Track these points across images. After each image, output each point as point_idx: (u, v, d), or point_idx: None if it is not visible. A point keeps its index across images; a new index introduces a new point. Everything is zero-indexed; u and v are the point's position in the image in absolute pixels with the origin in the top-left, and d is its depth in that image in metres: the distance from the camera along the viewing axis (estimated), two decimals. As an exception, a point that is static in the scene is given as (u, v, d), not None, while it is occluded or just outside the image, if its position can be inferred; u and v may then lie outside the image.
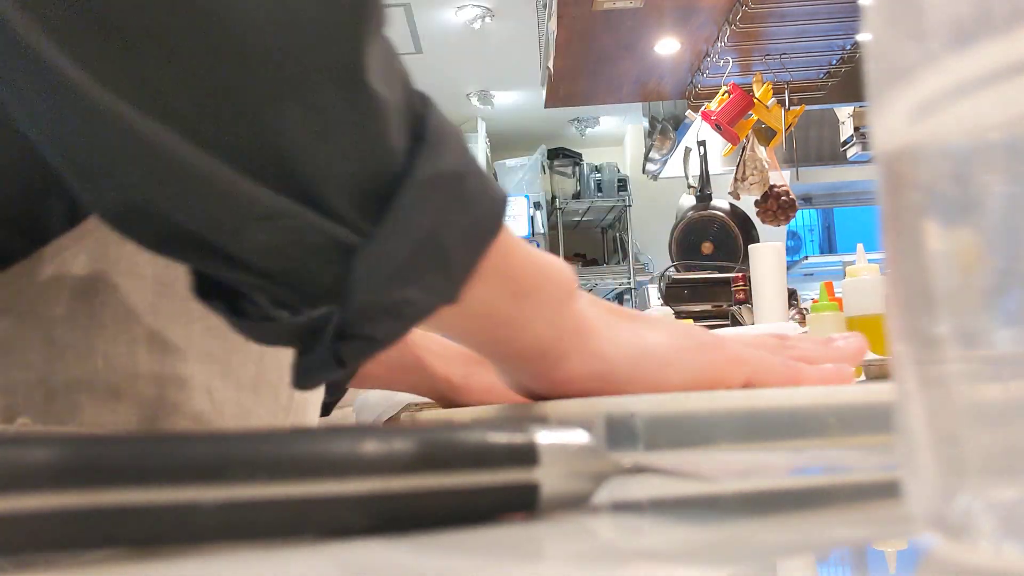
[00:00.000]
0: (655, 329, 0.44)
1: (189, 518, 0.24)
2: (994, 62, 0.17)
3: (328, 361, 0.35)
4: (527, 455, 0.27)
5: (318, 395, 0.59)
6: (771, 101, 2.66)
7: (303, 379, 0.37)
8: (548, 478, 0.27)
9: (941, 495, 0.19)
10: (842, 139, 3.49)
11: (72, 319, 0.47)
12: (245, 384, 0.51)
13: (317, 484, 0.25)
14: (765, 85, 2.65)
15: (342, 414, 1.05)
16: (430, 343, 0.74)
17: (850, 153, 3.45)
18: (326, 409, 0.74)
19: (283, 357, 0.53)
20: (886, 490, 0.25)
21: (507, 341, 0.41)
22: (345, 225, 0.33)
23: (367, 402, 0.88)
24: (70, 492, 0.23)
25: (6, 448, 0.23)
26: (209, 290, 0.37)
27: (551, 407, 0.44)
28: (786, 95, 2.69)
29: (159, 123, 0.30)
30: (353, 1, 0.32)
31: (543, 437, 0.28)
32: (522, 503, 0.27)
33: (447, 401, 0.73)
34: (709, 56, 2.67)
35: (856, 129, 3.34)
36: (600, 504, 0.30)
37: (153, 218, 0.32)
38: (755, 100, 2.62)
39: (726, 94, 2.64)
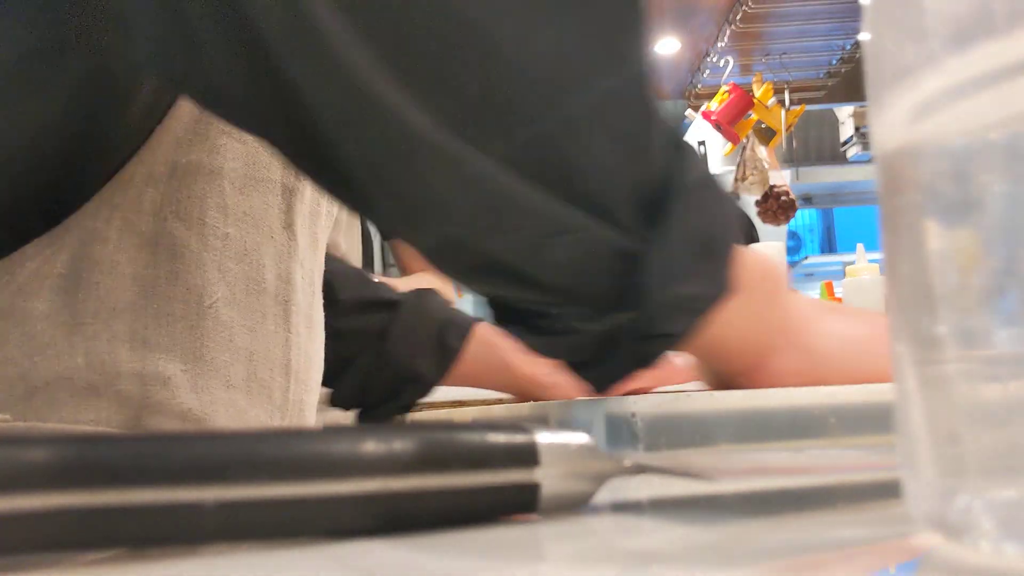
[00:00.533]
0: (860, 321, 0.44)
1: (189, 518, 0.24)
2: (994, 62, 0.17)
3: (631, 362, 0.38)
4: (527, 455, 0.27)
5: (314, 396, 0.59)
6: (771, 101, 2.66)
7: (606, 382, 0.39)
8: (548, 478, 0.27)
9: (941, 495, 0.19)
10: (842, 139, 3.49)
11: (53, 316, 0.47)
12: (236, 384, 0.51)
13: (317, 484, 0.25)
14: (765, 85, 2.65)
15: (343, 415, 1.05)
16: (513, 344, 0.76)
17: (850, 153, 3.45)
18: (404, 408, 0.77)
19: (275, 356, 0.53)
20: (886, 490, 0.25)
21: (726, 341, 0.41)
22: (627, 234, 0.35)
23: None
24: (70, 492, 0.23)
25: (6, 448, 0.23)
26: (507, 315, 0.39)
27: (551, 407, 0.44)
28: (786, 95, 2.69)
29: (484, 159, 0.32)
30: (637, 37, 0.35)
31: (543, 437, 0.28)
32: (522, 503, 0.27)
33: (534, 399, 0.75)
34: (709, 56, 2.67)
35: (856, 129, 3.34)
36: (600, 504, 0.30)
37: (467, 249, 0.35)
38: (755, 100, 2.63)
39: (726, 94, 2.64)
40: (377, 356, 0.76)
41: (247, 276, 0.51)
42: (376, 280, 0.84)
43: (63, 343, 0.47)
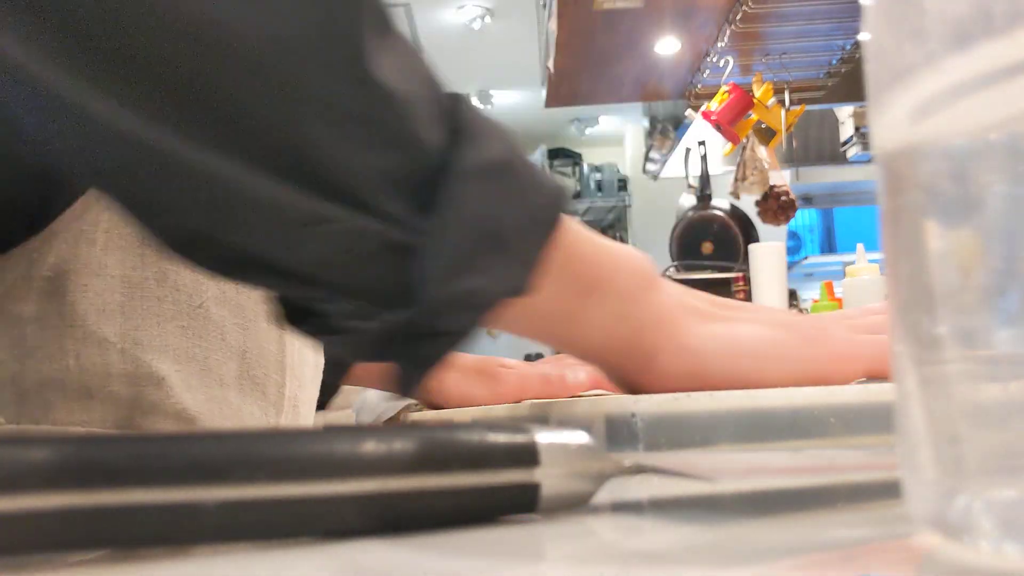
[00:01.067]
0: (754, 321, 0.42)
1: (189, 518, 0.24)
2: (994, 62, 0.17)
3: (412, 362, 0.35)
4: (527, 455, 0.27)
5: (309, 392, 0.59)
6: (771, 101, 2.66)
7: (405, 385, 0.36)
8: (548, 478, 0.27)
9: (941, 495, 0.19)
10: (842, 139, 3.49)
11: (42, 319, 0.47)
12: (228, 382, 0.51)
13: (317, 484, 0.25)
14: (765, 85, 2.65)
15: (343, 415, 1.05)
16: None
17: (850, 153, 3.44)
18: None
19: (268, 354, 0.53)
20: (886, 490, 0.25)
21: (580, 339, 0.40)
22: (394, 224, 0.33)
23: (367, 402, 0.88)
24: (70, 492, 0.23)
25: (6, 448, 0.23)
26: (297, 316, 0.37)
27: (552, 407, 0.44)
28: (786, 95, 2.69)
29: (200, 151, 0.30)
30: (346, 5, 0.32)
31: (543, 437, 0.28)
32: (522, 503, 0.27)
33: (424, 400, 0.75)
34: (709, 56, 2.67)
35: (856, 129, 3.34)
36: (600, 504, 0.30)
37: (214, 244, 0.32)
38: (755, 100, 2.62)
39: (726, 94, 2.64)
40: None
41: None
42: None
43: (53, 346, 0.47)
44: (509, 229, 0.34)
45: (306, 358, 0.57)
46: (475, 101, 4.88)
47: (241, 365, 0.52)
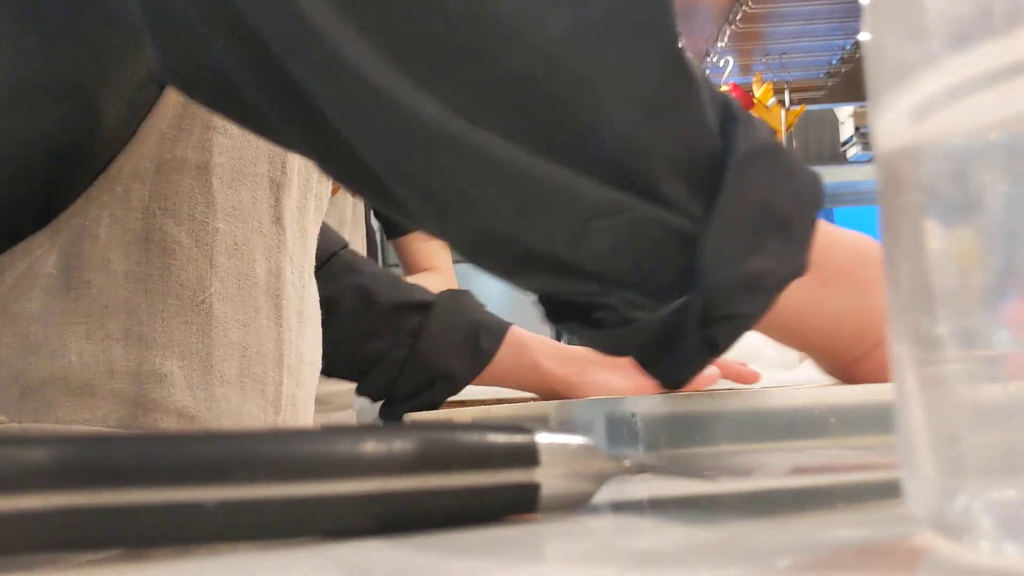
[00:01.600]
0: None
1: (189, 518, 0.24)
2: (994, 62, 0.17)
3: (700, 350, 0.35)
4: (527, 455, 0.27)
5: (306, 391, 0.59)
6: (771, 101, 2.66)
7: (676, 375, 0.36)
8: (548, 478, 0.27)
9: (941, 495, 0.19)
10: (842, 139, 3.49)
11: (45, 316, 0.47)
12: (229, 379, 0.51)
13: (317, 484, 0.25)
14: (765, 85, 2.65)
15: (344, 415, 1.05)
16: (543, 346, 0.82)
17: (850, 153, 3.44)
18: (432, 405, 0.79)
19: (267, 352, 0.53)
20: (886, 490, 0.25)
21: (810, 328, 0.39)
22: (680, 212, 0.33)
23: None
24: (70, 492, 0.23)
25: (6, 448, 0.23)
26: (560, 312, 0.37)
27: (552, 407, 0.44)
28: (786, 95, 2.69)
29: (515, 149, 0.31)
30: (663, 4, 0.32)
31: (543, 437, 0.28)
32: (522, 503, 0.27)
33: (564, 399, 0.76)
34: (709, 56, 2.67)
35: (856, 129, 3.33)
36: (600, 504, 0.30)
37: (507, 242, 0.33)
38: (755, 100, 2.62)
39: (726, 94, 2.64)
40: (411, 352, 0.78)
41: (238, 270, 0.51)
42: (410, 282, 0.88)
43: (56, 343, 0.47)
44: (786, 210, 0.34)
45: (303, 356, 0.57)
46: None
47: (241, 362, 0.52)
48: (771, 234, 0.34)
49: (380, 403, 0.82)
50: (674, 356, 0.35)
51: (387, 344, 0.78)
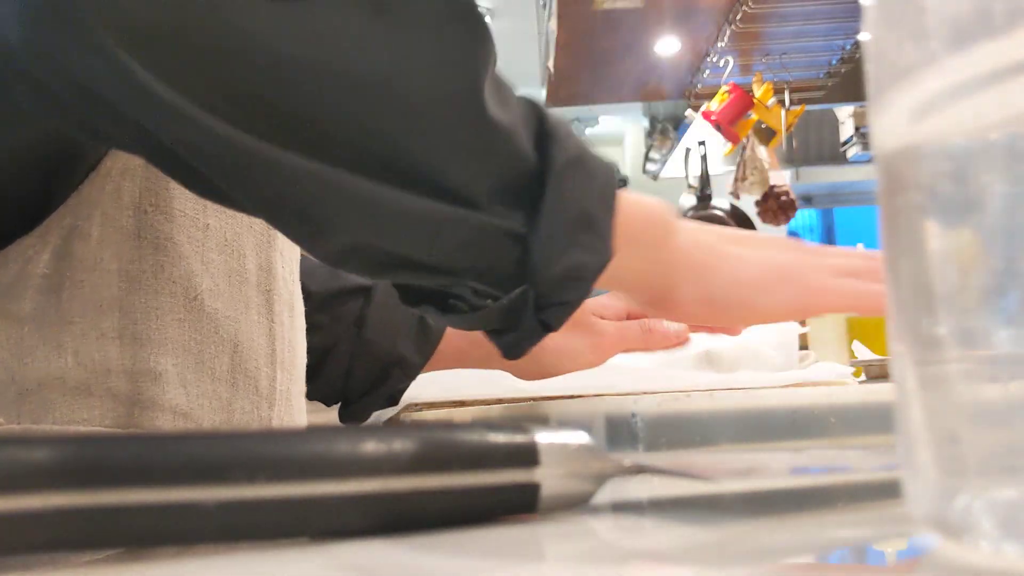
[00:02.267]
0: (757, 259, 0.50)
1: (189, 518, 0.24)
2: (994, 62, 0.17)
3: (537, 329, 0.43)
4: (527, 455, 0.27)
5: (300, 385, 0.58)
6: (771, 101, 2.66)
7: (515, 350, 0.44)
8: (548, 478, 0.27)
9: (941, 495, 0.19)
10: (842, 139, 3.49)
11: (40, 317, 0.47)
12: (220, 376, 0.51)
13: (317, 484, 0.25)
14: (765, 85, 2.65)
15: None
16: None
17: (850, 153, 3.44)
18: (392, 399, 0.75)
19: (259, 347, 0.53)
20: (886, 490, 0.25)
21: (620, 281, 0.48)
22: (508, 219, 0.40)
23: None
24: (70, 492, 0.23)
25: (6, 448, 0.23)
26: (415, 298, 0.44)
27: (552, 407, 0.44)
28: (786, 95, 2.69)
29: (367, 181, 0.38)
30: (468, 52, 0.40)
31: (543, 437, 0.28)
32: (522, 503, 0.27)
33: (519, 370, 0.72)
34: (709, 56, 2.67)
35: (856, 129, 3.34)
36: (600, 504, 0.30)
37: (369, 252, 0.40)
38: (755, 100, 2.62)
39: (726, 94, 2.64)
40: (357, 343, 0.73)
41: (229, 266, 0.51)
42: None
43: (52, 343, 0.47)
44: (594, 210, 0.42)
45: (296, 350, 0.57)
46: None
47: (233, 358, 0.52)
48: (584, 233, 0.42)
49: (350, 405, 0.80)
50: (515, 334, 0.43)
51: (330, 337, 0.72)
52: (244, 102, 0.36)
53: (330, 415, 0.98)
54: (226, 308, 0.51)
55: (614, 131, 5.60)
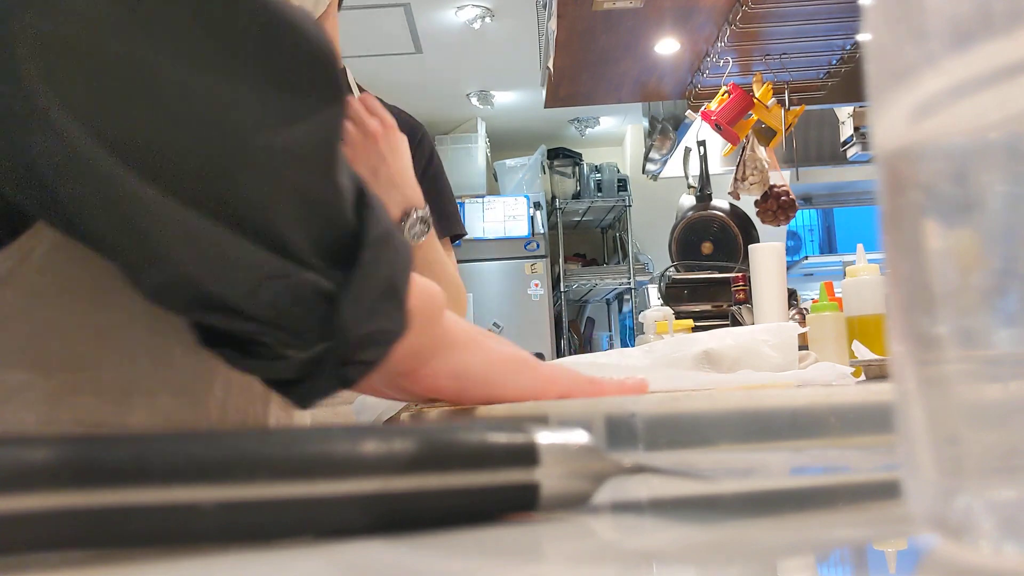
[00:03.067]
0: (501, 350, 0.56)
1: (189, 518, 0.24)
2: (994, 62, 0.17)
3: (334, 383, 0.45)
4: (527, 455, 0.27)
5: None
6: (771, 101, 2.65)
7: (308, 399, 0.46)
8: (548, 478, 0.27)
9: (941, 495, 0.19)
10: (842, 139, 3.49)
11: (32, 314, 0.47)
12: (218, 374, 0.51)
13: (317, 484, 0.25)
14: (765, 85, 2.65)
15: (343, 411, 1.05)
16: None
17: (850, 153, 3.44)
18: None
19: None
20: (886, 490, 0.25)
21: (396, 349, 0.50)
22: (324, 276, 0.43)
23: (367, 402, 0.88)
24: (70, 492, 0.23)
25: (6, 448, 0.23)
26: (214, 340, 0.44)
27: (552, 407, 0.44)
28: (786, 95, 2.69)
29: (196, 213, 0.39)
30: (331, 110, 0.42)
31: (543, 437, 0.28)
32: (522, 503, 0.27)
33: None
34: (709, 56, 2.67)
35: (856, 129, 3.33)
36: (600, 504, 0.30)
37: (187, 289, 0.41)
38: (755, 100, 2.62)
39: (726, 94, 2.64)
40: None
41: None
42: None
43: (45, 341, 0.47)
44: (396, 282, 0.46)
45: None
46: (475, 101, 4.89)
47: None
48: (387, 302, 0.45)
49: (372, 405, 0.81)
50: (311, 385, 0.45)
51: None
52: (104, 113, 0.37)
53: (330, 414, 0.98)
54: None
55: (614, 131, 5.61)
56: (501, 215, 4.84)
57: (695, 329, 2.10)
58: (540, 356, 0.84)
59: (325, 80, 0.42)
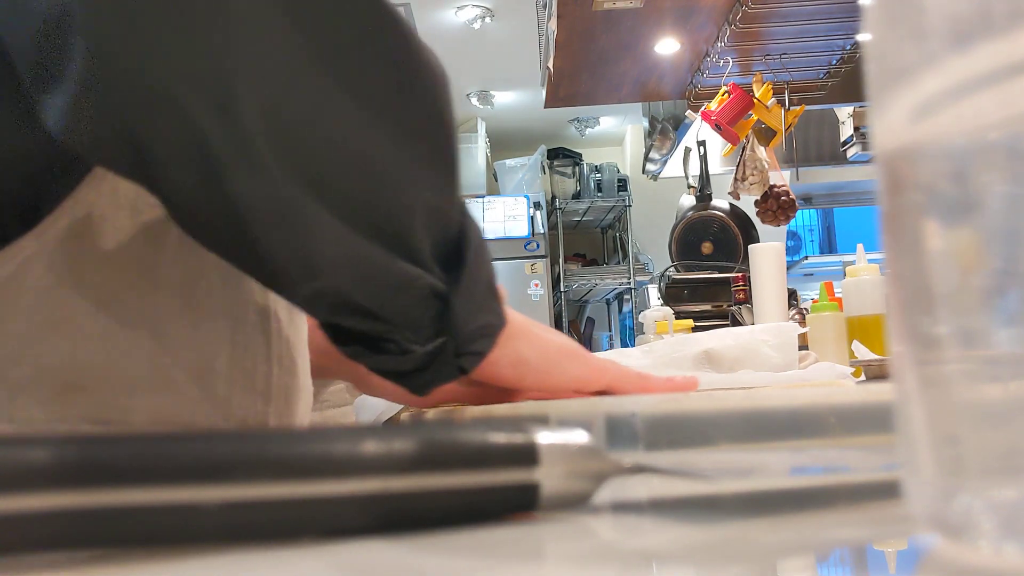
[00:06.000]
0: (553, 338, 0.59)
1: (189, 518, 0.24)
2: (994, 62, 0.17)
3: (453, 372, 0.50)
4: (527, 455, 0.27)
5: (300, 380, 0.59)
6: (771, 101, 2.65)
7: (428, 388, 0.51)
8: (548, 478, 0.27)
9: (941, 495, 0.19)
10: (842, 139, 3.49)
11: (33, 317, 0.47)
12: (219, 372, 0.52)
13: (317, 484, 0.25)
14: (765, 85, 2.65)
15: (342, 412, 1.05)
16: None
17: (850, 153, 3.44)
18: None
19: (256, 344, 0.53)
20: (886, 490, 0.25)
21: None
22: (439, 279, 0.48)
23: (367, 402, 0.88)
24: (70, 492, 0.23)
25: (6, 448, 0.23)
26: (346, 338, 0.49)
27: (552, 407, 0.44)
28: (786, 95, 2.69)
29: (350, 229, 0.44)
30: (449, 153, 0.49)
31: (543, 437, 0.28)
32: (522, 503, 0.27)
33: (364, 386, 0.72)
34: (709, 56, 2.67)
35: (856, 129, 3.33)
36: (600, 504, 0.30)
37: (335, 298, 0.46)
38: (755, 100, 2.62)
39: (726, 94, 2.64)
40: None
41: (226, 264, 0.51)
42: None
43: (46, 343, 0.47)
44: (492, 280, 0.52)
45: (295, 348, 0.57)
46: (475, 101, 4.89)
47: (231, 354, 0.52)
48: (490, 298, 0.51)
49: (372, 405, 0.80)
50: (432, 375, 0.50)
51: None
52: (303, 161, 0.43)
53: (331, 413, 0.98)
54: (223, 305, 0.51)
55: (614, 131, 5.61)
56: (501, 215, 4.84)
57: (695, 329, 2.10)
58: None
59: (447, 112, 0.48)
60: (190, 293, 0.50)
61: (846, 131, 3.43)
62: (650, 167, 4.00)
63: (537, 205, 4.98)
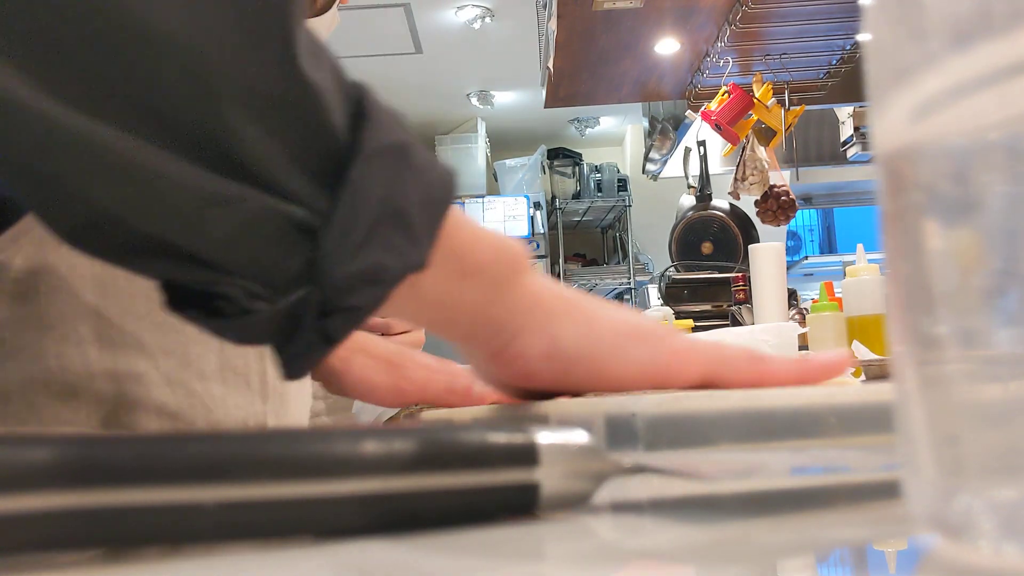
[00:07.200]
0: (610, 316, 0.43)
1: (189, 518, 0.24)
2: (994, 62, 0.17)
3: (316, 341, 0.35)
4: (527, 455, 0.27)
5: (299, 383, 0.59)
6: (771, 101, 2.65)
7: (292, 367, 0.36)
8: (548, 478, 0.27)
9: (941, 495, 0.19)
10: (842, 139, 3.49)
11: (19, 321, 0.47)
12: (209, 375, 0.51)
13: (317, 484, 0.25)
14: (765, 85, 2.65)
15: (342, 415, 1.05)
16: None
17: (850, 153, 3.44)
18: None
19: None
20: (886, 490, 0.25)
21: (452, 321, 0.41)
22: (302, 205, 0.33)
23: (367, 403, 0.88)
24: (70, 492, 0.23)
25: (6, 448, 0.23)
26: (181, 301, 0.36)
27: (551, 407, 0.44)
28: (786, 95, 2.69)
29: (110, 129, 0.31)
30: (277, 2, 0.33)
31: (543, 437, 0.28)
32: (522, 503, 0.27)
33: (329, 386, 0.71)
34: (709, 56, 2.67)
35: (856, 129, 3.33)
36: (600, 504, 0.30)
37: (114, 228, 0.32)
38: (755, 100, 2.62)
39: (726, 94, 2.64)
40: None
41: None
42: None
43: (33, 347, 0.47)
44: (409, 207, 0.35)
45: None
46: (475, 101, 4.88)
47: (220, 356, 0.52)
48: (390, 230, 0.34)
49: (364, 406, 0.80)
50: (293, 347, 0.35)
51: None
52: (25, 41, 0.30)
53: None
54: None
55: (614, 131, 5.60)
56: (501, 215, 4.84)
57: (695, 329, 2.10)
58: None
59: None
60: None
61: (846, 131, 3.43)
62: (650, 167, 4.00)
63: (537, 205, 4.98)
